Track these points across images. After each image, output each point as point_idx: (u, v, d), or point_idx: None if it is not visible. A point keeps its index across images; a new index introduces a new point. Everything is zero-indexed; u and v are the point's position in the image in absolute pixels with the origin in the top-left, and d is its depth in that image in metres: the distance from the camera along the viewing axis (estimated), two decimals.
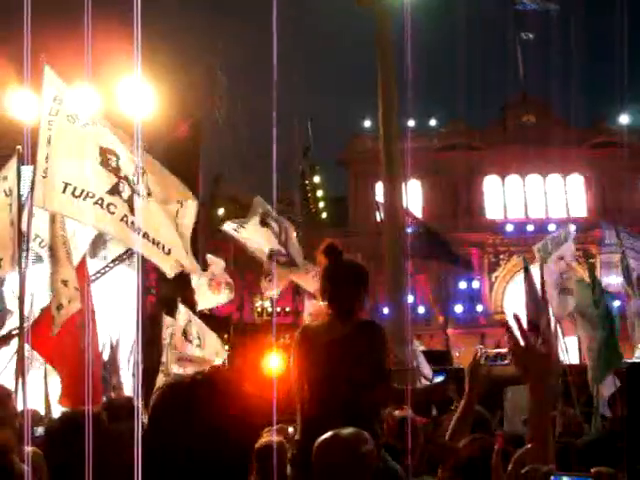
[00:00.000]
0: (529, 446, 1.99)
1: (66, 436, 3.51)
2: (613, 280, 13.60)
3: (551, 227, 46.43)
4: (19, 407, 5.30)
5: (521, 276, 13.03)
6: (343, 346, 4.85)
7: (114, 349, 12.68)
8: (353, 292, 5.08)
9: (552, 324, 11.60)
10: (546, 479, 1.81)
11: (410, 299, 29.93)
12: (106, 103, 10.55)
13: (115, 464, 3.46)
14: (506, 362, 29.20)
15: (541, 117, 49.64)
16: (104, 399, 6.81)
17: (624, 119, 49.73)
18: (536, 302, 11.66)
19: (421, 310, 39.15)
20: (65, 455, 3.36)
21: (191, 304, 10.68)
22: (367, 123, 46.59)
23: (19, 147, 6.62)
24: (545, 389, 2.86)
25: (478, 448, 3.36)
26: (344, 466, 3.47)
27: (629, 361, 13.67)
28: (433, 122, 50.12)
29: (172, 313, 10.25)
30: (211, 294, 12.99)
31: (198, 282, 13.08)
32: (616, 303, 13.99)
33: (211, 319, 14.29)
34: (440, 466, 4.29)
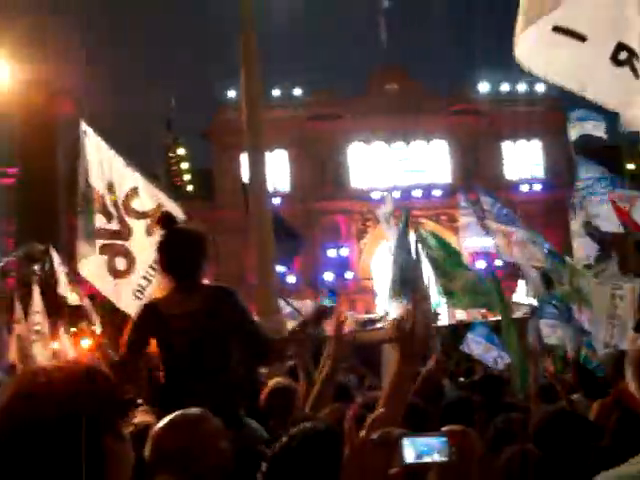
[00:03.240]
0: (381, 410, 1.99)
1: None
2: (472, 243, 14.08)
3: (416, 193, 47.56)
4: None
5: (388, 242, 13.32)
6: (200, 318, 4.74)
7: None
8: (192, 259, 4.93)
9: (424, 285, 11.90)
10: (399, 442, 1.82)
11: (280, 269, 29.99)
12: None
13: None
14: (378, 326, 29.82)
15: (404, 85, 50.48)
16: None
17: (483, 86, 51.27)
18: (408, 263, 11.94)
19: (291, 279, 39.27)
20: None
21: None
22: (232, 94, 46.26)
23: None
24: (414, 359, 2.91)
25: (336, 418, 3.36)
26: (184, 448, 3.32)
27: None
28: (298, 92, 50.20)
29: None
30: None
31: None
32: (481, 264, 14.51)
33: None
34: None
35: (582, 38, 3.88)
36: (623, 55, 3.74)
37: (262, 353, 5.13)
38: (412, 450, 1.80)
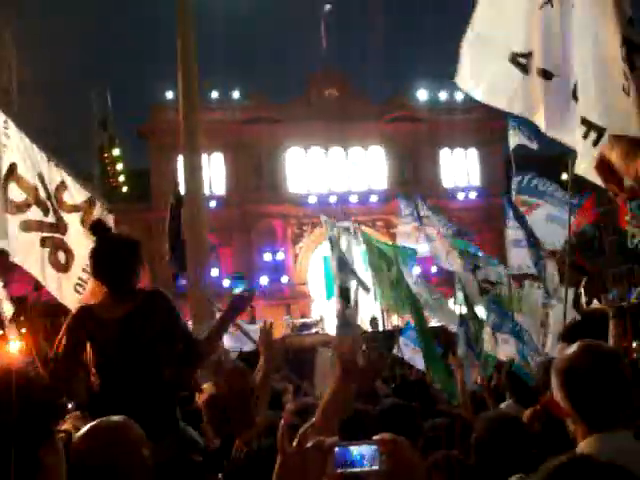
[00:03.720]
0: (314, 419, 1.98)
1: None
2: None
3: (353, 198, 47.77)
4: None
5: (324, 247, 13.53)
6: (133, 323, 4.72)
7: None
8: (125, 267, 4.94)
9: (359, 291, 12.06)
10: (331, 451, 1.81)
11: (215, 272, 29.78)
12: None
13: None
14: (314, 331, 29.80)
15: (343, 91, 50.69)
16: None
17: (422, 94, 51.77)
18: (346, 271, 12.07)
19: (226, 283, 39.06)
20: None
21: None
22: (170, 94, 45.83)
23: None
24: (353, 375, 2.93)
25: (266, 427, 3.34)
26: (103, 458, 3.23)
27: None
28: (237, 95, 49.99)
29: None
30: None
31: None
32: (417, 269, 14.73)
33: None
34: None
35: (550, 76, 4.06)
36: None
37: (193, 356, 5.12)
38: (344, 459, 1.80)
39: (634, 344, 11.62)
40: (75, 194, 7.41)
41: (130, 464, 3.19)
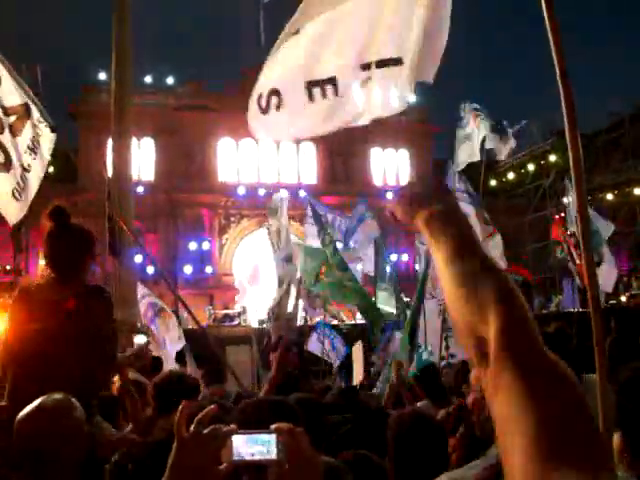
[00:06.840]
0: (212, 407, 1.99)
1: None
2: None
3: (282, 192, 47.73)
4: None
5: (249, 238, 13.76)
6: (66, 308, 4.70)
7: None
8: (78, 258, 4.95)
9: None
10: (228, 438, 1.83)
11: (139, 258, 29.44)
12: None
13: None
14: (235, 323, 29.80)
15: None
16: None
17: None
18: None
19: (150, 270, 38.64)
20: None
21: None
22: (102, 75, 45.09)
23: None
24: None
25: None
26: (51, 436, 3.25)
27: None
28: (171, 80, 49.45)
29: None
30: None
31: None
32: None
33: None
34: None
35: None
36: (315, 91, 4.00)
37: (107, 361, 5.10)
38: (241, 447, 1.81)
39: None
40: (9, 95, 6.87)
41: (76, 439, 3.21)
